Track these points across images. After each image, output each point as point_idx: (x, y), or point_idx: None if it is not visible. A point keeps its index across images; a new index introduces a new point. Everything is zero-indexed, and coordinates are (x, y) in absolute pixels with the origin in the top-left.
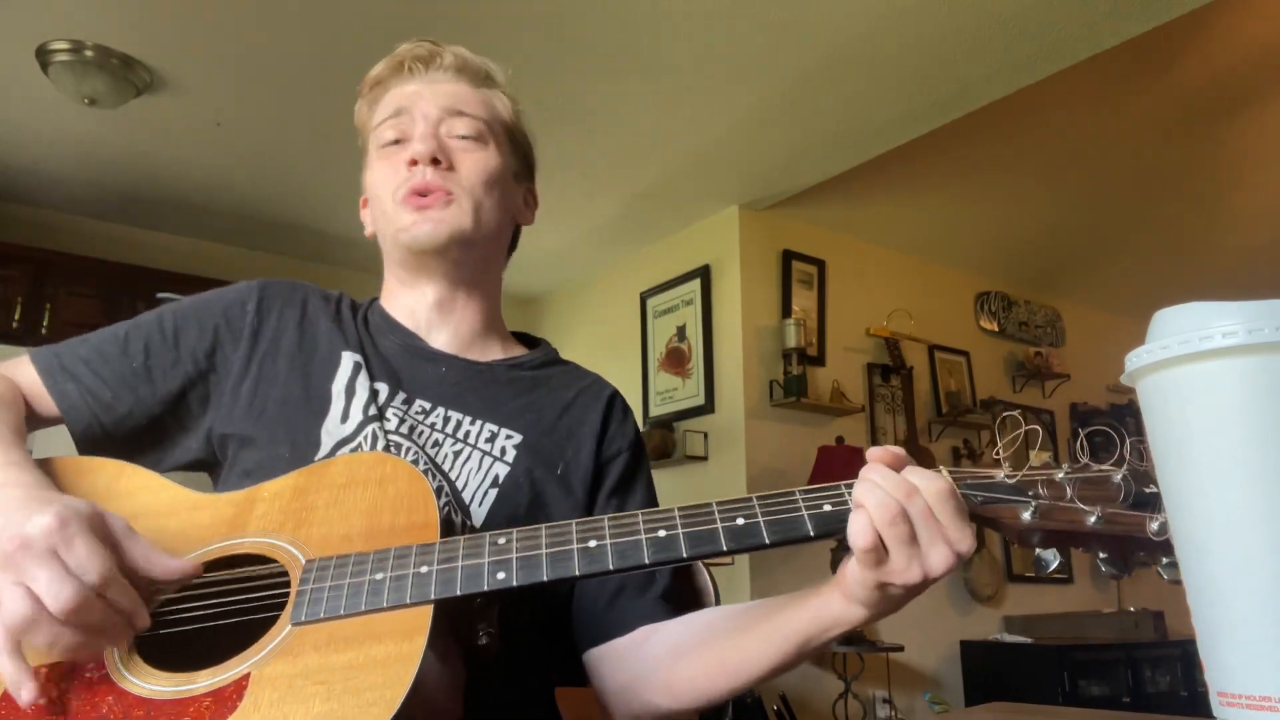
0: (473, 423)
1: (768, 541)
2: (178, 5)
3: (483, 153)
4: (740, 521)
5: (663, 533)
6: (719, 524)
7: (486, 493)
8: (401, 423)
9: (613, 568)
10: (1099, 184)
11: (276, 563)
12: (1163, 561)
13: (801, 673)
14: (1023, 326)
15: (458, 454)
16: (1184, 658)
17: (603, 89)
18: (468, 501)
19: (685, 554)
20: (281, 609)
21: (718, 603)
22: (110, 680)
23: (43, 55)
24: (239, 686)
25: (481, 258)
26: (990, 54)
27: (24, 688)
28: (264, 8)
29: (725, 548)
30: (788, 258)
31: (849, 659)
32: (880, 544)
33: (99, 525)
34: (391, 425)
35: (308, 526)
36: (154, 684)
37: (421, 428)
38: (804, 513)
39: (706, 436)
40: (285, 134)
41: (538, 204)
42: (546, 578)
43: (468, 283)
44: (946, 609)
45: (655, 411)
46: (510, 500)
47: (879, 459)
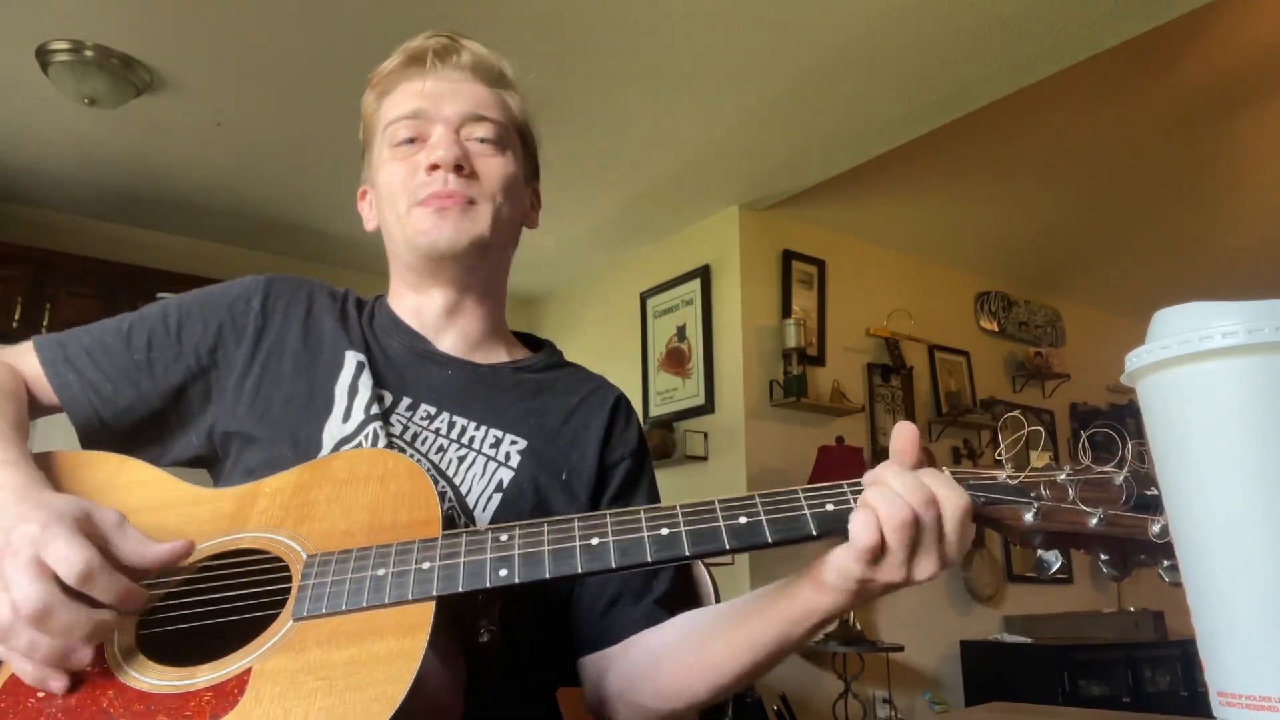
0: (477, 428)
1: (770, 540)
2: (178, 5)
3: (502, 158)
4: (743, 520)
5: (665, 530)
6: (721, 522)
7: (490, 498)
8: (405, 429)
9: (615, 565)
10: (1099, 184)
11: (278, 558)
12: (1164, 564)
13: (801, 673)
14: (1023, 326)
15: (462, 459)
16: (1184, 658)
17: (603, 89)
18: (471, 507)
19: (688, 552)
20: (283, 604)
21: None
22: (111, 674)
23: (43, 55)
24: (240, 681)
25: (494, 263)
26: (990, 54)
27: (51, 680)
28: (264, 8)
29: (728, 546)
30: (788, 258)
31: (849, 659)
32: (881, 543)
33: (85, 523)
34: (395, 431)
35: (309, 522)
36: (155, 678)
37: (426, 433)
38: (806, 512)
39: (706, 436)
40: (285, 134)
41: (541, 205)
42: (549, 575)
43: (477, 287)
44: (946, 609)
45: (655, 411)
46: (514, 506)
47: (902, 446)
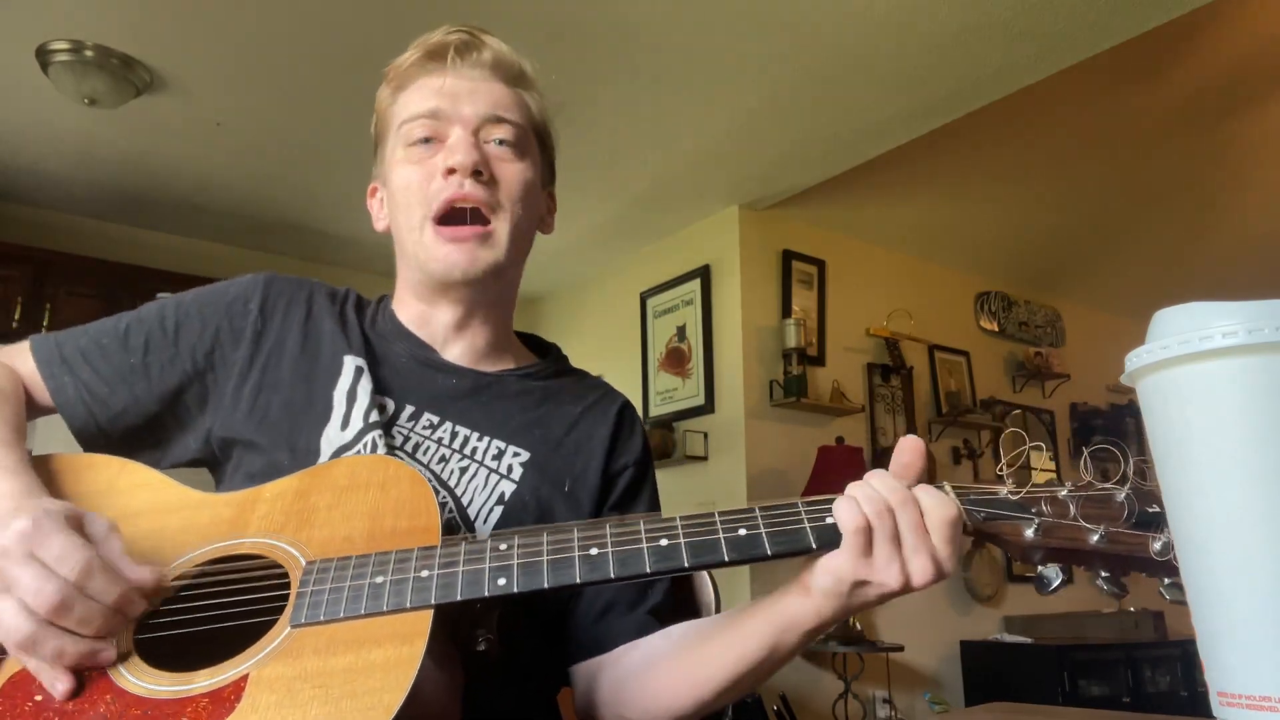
0: (480, 439)
1: (770, 553)
2: (178, 5)
3: (521, 164)
4: (742, 532)
5: (665, 541)
6: (721, 534)
7: (492, 510)
8: (406, 440)
9: (614, 575)
10: (1099, 184)
11: (277, 564)
12: (1165, 581)
13: (801, 673)
14: (1023, 326)
15: (464, 470)
16: (1184, 658)
17: (603, 89)
18: (473, 518)
19: (687, 564)
20: (281, 610)
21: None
22: (109, 679)
23: (43, 55)
24: (237, 688)
25: (508, 280)
26: (990, 54)
27: (59, 681)
28: (264, 8)
29: (727, 559)
30: (787, 258)
31: (849, 659)
32: (868, 527)
33: (77, 524)
34: (396, 442)
35: (309, 528)
36: (152, 683)
37: (428, 443)
38: (806, 525)
39: (706, 436)
40: (285, 134)
41: (556, 209)
42: (547, 585)
43: (489, 302)
44: (946, 609)
45: (655, 411)
46: (516, 518)
47: (905, 460)
